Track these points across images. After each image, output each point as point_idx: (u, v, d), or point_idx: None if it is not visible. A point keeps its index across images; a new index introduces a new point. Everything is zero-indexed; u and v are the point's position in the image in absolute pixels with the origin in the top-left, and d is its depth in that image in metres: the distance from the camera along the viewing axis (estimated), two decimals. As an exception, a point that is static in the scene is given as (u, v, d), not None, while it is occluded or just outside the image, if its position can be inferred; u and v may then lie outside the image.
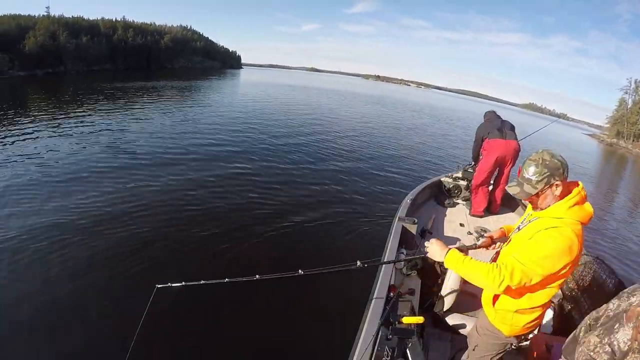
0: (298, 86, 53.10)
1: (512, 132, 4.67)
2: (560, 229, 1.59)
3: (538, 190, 1.67)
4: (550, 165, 1.63)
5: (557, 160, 1.64)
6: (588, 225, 1.67)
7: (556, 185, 1.65)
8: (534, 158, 1.68)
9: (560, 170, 1.63)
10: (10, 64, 42.82)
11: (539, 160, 1.65)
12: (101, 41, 63.54)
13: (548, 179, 1.64)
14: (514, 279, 1.59)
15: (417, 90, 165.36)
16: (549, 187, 1.66)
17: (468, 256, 1.79)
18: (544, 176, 1.63)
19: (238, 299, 3.94)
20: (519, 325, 1.84)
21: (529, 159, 1.71)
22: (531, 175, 1.67)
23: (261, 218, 6.19)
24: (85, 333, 3.48)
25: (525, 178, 1.69)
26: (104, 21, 71.66)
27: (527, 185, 1.69)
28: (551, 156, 1.65)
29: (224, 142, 11.61)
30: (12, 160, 8.20)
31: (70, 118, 14.02)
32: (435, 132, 21.96)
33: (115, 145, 10.24)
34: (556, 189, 1.65)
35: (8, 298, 3.80)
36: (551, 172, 1.63)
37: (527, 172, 1.68)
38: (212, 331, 3.61)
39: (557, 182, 1.64)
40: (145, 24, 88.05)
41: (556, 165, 1.63)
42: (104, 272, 4.37)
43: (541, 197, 1.70)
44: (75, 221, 5.46)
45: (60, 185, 6.86)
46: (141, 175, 7.74)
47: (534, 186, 1.67)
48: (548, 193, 1.67)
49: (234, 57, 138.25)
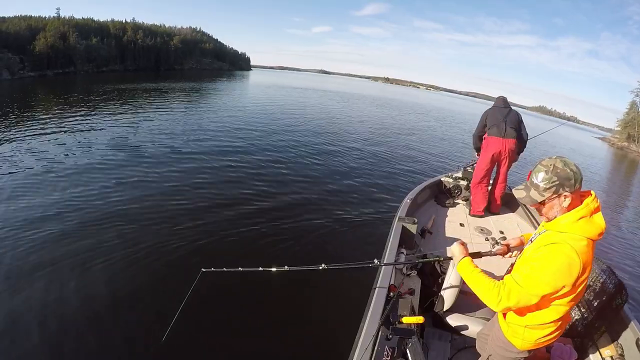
0: (309, 88, 52.92)
1: (512, 130, 4.58)
2: (559, 245, 1.49)
3: (545, 198, 1.56)
4: (561, 174, 1.51)
5: (569, 169, 1.52)
6: (606, 228, 1.57)
7: (565, 197, 1.54)
8: (546, 164, 1.57)
9: (571, 181, 1.51)
10: (21, 64, 43.48)
11: (550, 167, 1.54)
12: (111, 42, 64.56)
13: (557, 188, 1.53)
14: (511, 300, 1.55)
15: (426, 92, 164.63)
16: (557, 197, 1.55)
17: (478, 269, 1.75)
18: (553, 184, 1.53)
19: (255, 287, 4.11)
20: (531, 340, 1.76)
21: (540, 164, 1.60)
22: (539, 181, 1.56)
23: (264, 214, 6.41)
24: (132, 309, 3.79)
25: (534, 183, 1.59)
26: (114, 22, 72.83)
27: (534, 191, 1.59)
28: (564, 164, 1.53)
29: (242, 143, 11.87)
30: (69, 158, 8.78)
31: (97, 116, 14.84)
32: (438, 133, 21.88)
33: (157, 140, 11.21)
34: (564, 200, 1.54)
35: (72, 280, 4.13)
36: (561, 181, 1.51)
37: (536, 178, 1.58)
38: (237, 315, 3.82)
39: (566, 193, 1.52)
40: (155, 26, 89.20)
41: (567, 175, 1.51)
42: (155, 256, 4.73)
43: (547, 206, 1.60)
44: (129, 210, 5.99)
45: (115, 177, 7.53)
46: (189, 169, 8.44)
47: (541, 193, 1.56)
48: (555, 203, 1.57)
49: (243, 59, 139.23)
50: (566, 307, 1.63)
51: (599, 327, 2.49)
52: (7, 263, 4.31)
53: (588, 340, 2.54)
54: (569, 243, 1.49)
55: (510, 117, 4.65)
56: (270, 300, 4.02)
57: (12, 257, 4.43)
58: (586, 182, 5.88)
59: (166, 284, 4.17)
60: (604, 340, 2.49)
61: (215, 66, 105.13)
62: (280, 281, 4.07)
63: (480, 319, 2.62)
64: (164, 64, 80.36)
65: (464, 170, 5.59)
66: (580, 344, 2.54)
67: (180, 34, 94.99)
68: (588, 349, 2.52)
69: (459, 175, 5.62)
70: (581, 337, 2.55)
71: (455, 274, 2.55)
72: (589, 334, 2.54)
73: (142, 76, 49.50)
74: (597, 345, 2.51)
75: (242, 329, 3.66)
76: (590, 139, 65.45)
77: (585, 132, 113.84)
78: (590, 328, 2.53)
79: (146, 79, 43.51)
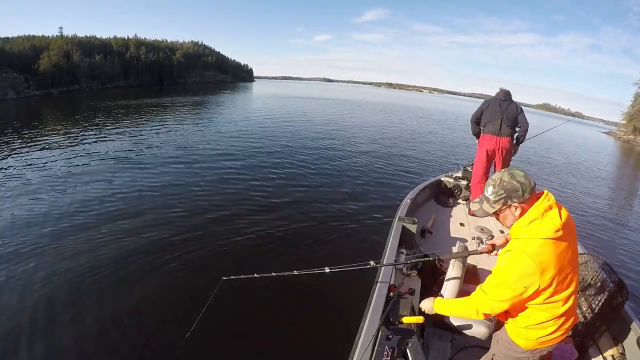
0: (314, 97, 53.06)
1: (507, 128, 4.57)
2: (511, 253, 1.60)
3: (496, 209, 1.67)
4: (507, 187, 1.61)
5: (516, 182, 1.60)
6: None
7: (515, 207, 1.63)
8: (494, 178, 1.68)
9: (518, 192, 1.59)
10: (26, 84, 44.29)
11: (497, 181, 1.65)
12: (114, 59, 65.48)
13: (505, 200, 1.62)
14: (485, 308, 1.69)
15: (430, 96, 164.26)
16: (507, 207, 1.65)
17: (447, 299, 1.99)
18: (501, 197, 1.63)
19: (265, 292, 4.25)
20: (533, 339, 1.78)
21: (490, 178, 1.71)
22: (489, 194, 1.67)
23: (258, 216, 6.64)
24: (155, 311, 3.93)
25: (485, 197, 1.70)
26: (116, 39, 73.87)
27: (486, 203, 1.70)
28: (510, 177, 1.62)
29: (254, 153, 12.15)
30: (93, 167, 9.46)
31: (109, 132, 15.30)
32: (437, 135, 21.93)
33: (180, 150, 11.97)
34: (515, 210, 1.63)
35: (98, 282, 4.40)
36: (508, 193, 1.61)
37: (486, 191, 1.69)
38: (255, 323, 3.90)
39: (514, 203, 1.62)
40: (157, 41, 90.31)
41: (514, 187, 1.60)
42: (178, 261, 4.96)
43: (501, 217, 1.71)
44: (151, 219, 6.24)
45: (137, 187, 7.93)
46: (209, 180, 8.77)
47: (492, 205, 1.67)
48: (507, 213, 1.67)
49: (245, 70, 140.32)
50: (555, 305, 1.65)
51: (600, 326, 2.49)
52: (46, 272, 4.57)
53: (589, 339, 2.54)
54: (520, 248, 1.56)
55: (508, 112, 4.57)
56: (272, 304, 4.11)
57: (52, 265, 4.71)
58: (592, 179, 8.70)
59: (187, 290, 4.34)
60: (604, 339, 2.50)
61: (218, 79, 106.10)
62: (281, 285, 4.17)
63: None
64: (167, 79, 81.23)
65: (464, 170, 5.60)
66: (581, 343, 2.53)
67: (182, 48, 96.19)
68: (589, 348, 2.51)
69: (459, 174, 5.63)
70: (582, 336, 2.55)
71: (456, 273, 2.57)
72: (589, 333, 2.54)
73: (146, 91, 50.02)
74: (597, 345, 2.51)
75: (245, 330, 3.72)
76: (595, 134, 64.56)
77: (591, 127, 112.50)
78: (590, 327, 2.53)
79: (150, 94, 43.86)
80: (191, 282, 4.49)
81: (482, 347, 2.43)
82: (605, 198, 11.82)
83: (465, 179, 5.48)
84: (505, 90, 4.74)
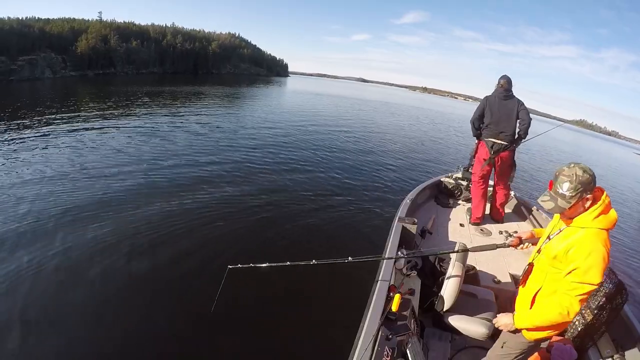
0: (348, 97, 50.86)
1: (509, 128, 4.33)
2: (591, 240, 1.63)
3: (572, 204, 1.67)
4: (583, 181, 1.62)
5: (588, 175, 1.63)
6: None
7: (587, 199, 1.66)
8: (568, 174, 1.66)
9: (591, 184, 1.63)
10: (63, 64, 45.29)
11: (572, 177, 1.64)
12: (150, 45, 65.71)
13: (581, 194, 1.64)
14: (575, 305, 1.64)
15: (463, 103, 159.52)
16: (581, 201, 1.65)
17: (528, 310, 1.86)
18: (578, 192, 1.63)
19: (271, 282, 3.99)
20: None
21: (562, 175, 1.68)
22: (565, 191, 1.65)
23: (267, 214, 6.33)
24: (171, 307, 3.79)
25: (560, 193, 1.68)
26: (154, 27, 74.52)
27: (561, 200, 1.68)
28: (583, 171, 1.64)
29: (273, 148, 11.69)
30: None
31: (136, 115, 15.53)
32: (450, 139, 20.94)
33: (197, 141, 11.46)
34: (587, 202, 1.67)
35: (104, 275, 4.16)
36: (584, 187, 1.63)
37: (561, 188, 1.67)
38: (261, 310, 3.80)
39: (587, 195, 1.65)
40: (194, 30, 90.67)
41: (588, 180, 1.62)
42: (183, 256, 4.69)
43: (572, 210, 1.69)
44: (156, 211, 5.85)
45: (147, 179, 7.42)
46: (213, 173, 8.33)
47: (568, 201, 1.66)
48: (579, 205, 1.67)
49: (280, 65, 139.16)
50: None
51: (599, 327, 2.38)
52: (76, 255, 4.43)
53: (588, 340, 2.41)
54: (598, 237, 1.63)
55: (509, 110, 4.33)
56: (271, 302, 3.96)
57: (75, 252, 4.49)
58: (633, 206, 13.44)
59: (196, 280, 4.20)
60: (604, 340, 2.42)
61: (252, 71, 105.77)
62: (281, 285, 4.04)
63: (480, 318, 2.50)
64: (202, 68, 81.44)
65: (464, 171, 5.50)
66: (580, 344, 2.39)
67: (219, 39, 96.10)
68: (588, 349, 2.41)
69: (459, 175, 5.58)
70: (581, 337, 2.40)
71: (455, 273, 2.52)
72: (589, 334, 2.41)
73: (180, 79, 50.01)
74: (597, 345, 2.43)
75: (245, 329, 3.56)
76: (632, 156, 59.18)
77: (627, 147, 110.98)
78: (590, 328, 2.40)
79: (184, 81, 43.67)
80: (199, 271, 4.39)
81: (481, 347, 2.48)
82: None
83: (465, 179, 5.42)
84: (505, 86, 4.39)
